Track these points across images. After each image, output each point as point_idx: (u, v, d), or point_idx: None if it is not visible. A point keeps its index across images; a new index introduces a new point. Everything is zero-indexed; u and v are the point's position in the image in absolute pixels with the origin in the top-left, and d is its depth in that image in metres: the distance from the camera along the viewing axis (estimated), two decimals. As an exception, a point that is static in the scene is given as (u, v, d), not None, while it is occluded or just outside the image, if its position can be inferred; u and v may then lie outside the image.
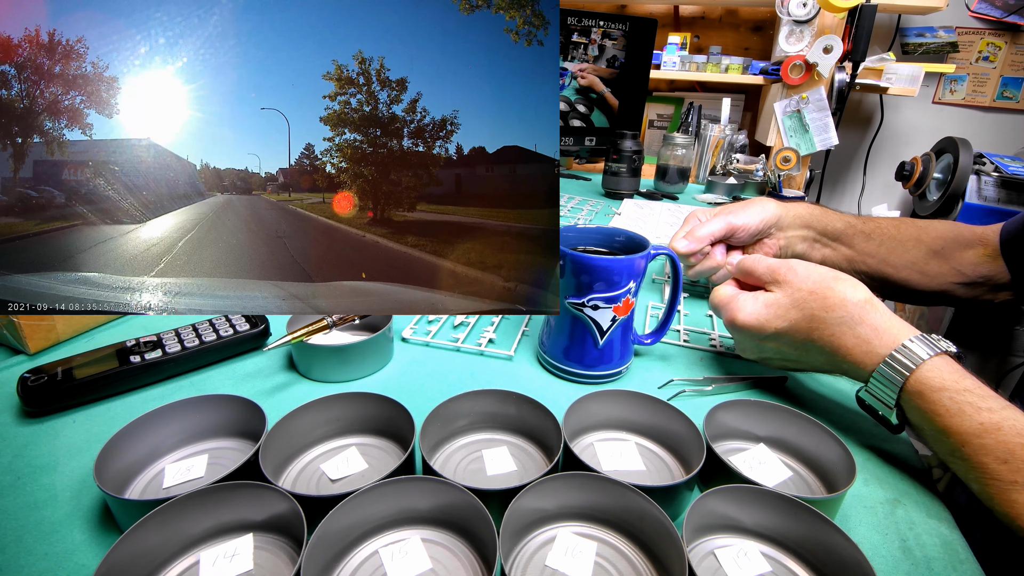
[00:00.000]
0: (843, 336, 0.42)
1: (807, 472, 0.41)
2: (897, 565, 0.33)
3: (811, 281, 0.44)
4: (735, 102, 1.86)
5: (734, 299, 0.48)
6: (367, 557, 0.32)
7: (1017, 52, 1.90)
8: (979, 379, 0.37)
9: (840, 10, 1.42)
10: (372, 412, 0.41)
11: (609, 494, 0.33)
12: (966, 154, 1.63)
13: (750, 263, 0.49)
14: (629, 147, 1.17)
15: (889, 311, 0.42)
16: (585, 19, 1.23)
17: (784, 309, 0.45)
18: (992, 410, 0.35)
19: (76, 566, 0.31)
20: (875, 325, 0.41)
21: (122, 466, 0.36)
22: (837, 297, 0.42)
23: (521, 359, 0.54)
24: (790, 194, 1.46)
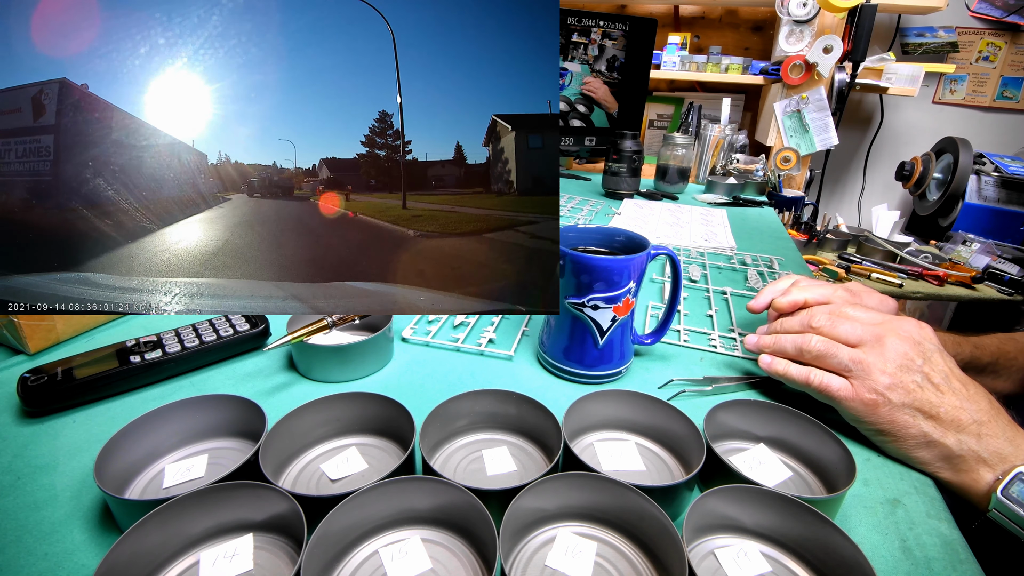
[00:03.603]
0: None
1: (807, 472, 0.41)
2: (897, 565, 0.33)
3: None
4: (735, 102, 1.86)
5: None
6: (367, 557, 0.32)
7: (1017, 52, 1.91)
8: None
9: (840, 10, 1.42)
10: (372, 412, 0.41)
11: (609, 494, 0.33)
12: (966, 154, 1.64)
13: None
14: (629, 147, 1.17)
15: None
16: (585, 19, 1.23)
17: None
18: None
19: (76, 566, 0.31)
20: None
21: (122, 466, 0.36)
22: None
23: (521, 359, 0.54)
24: (790, 194, 1.47)
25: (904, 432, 0.40)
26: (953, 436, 0.39)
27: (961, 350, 0.61)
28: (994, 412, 0.40)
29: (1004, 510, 0.36)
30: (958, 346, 0.61)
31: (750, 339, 0.51)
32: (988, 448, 0.38)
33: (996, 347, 0.62)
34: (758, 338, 0.50)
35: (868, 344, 0.43)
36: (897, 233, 1.60)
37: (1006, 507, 0.36)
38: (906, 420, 0.40)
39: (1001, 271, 1.34)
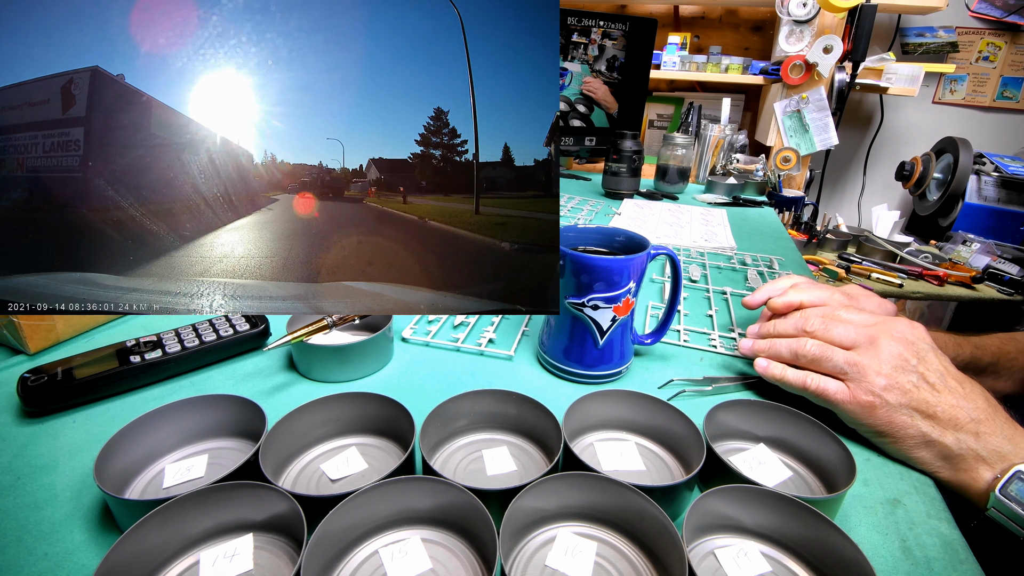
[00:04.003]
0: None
1: (807, 472, 0.41)
2: (897, 565, 0.33)
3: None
4: (735, 102, 1.86)
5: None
6: (367, 557, 0.32)
7: (1017, 52, 1.91)
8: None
9: (840, 10, 1.42)
10: (372, 412, 0.41)
11: (609, 494, 0.33)
12: (966, 154, 1.64)
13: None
14: (629, 147, 1.17)
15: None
16: (585, 19, 1.23)
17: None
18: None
19: (76, 566, 0.31)
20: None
21: (122, 466, 0.36)
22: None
23: (521, 359, 0.54)
24: (790, 194, 1.47)
25: (903, 433, 0.40)
26: (951, 435, 0.39)
27: (962, 351, 0.61)
28: (991, 410, 0.40)
29: (1003, 508, 0.36)
30: (959, 346, 0.61)
31: (744, 343, 0.51)
32: (987, 447, 0.38)
33: (997, 347, 0.62)
34: (752, 343, 0.50)
35: (862, 346, 0.43)
36: (897, 233, 1.60)
37: (1004, 506, 0.36)
38: (904, 421, 0.40)
39: (1001, 271, 1.34)
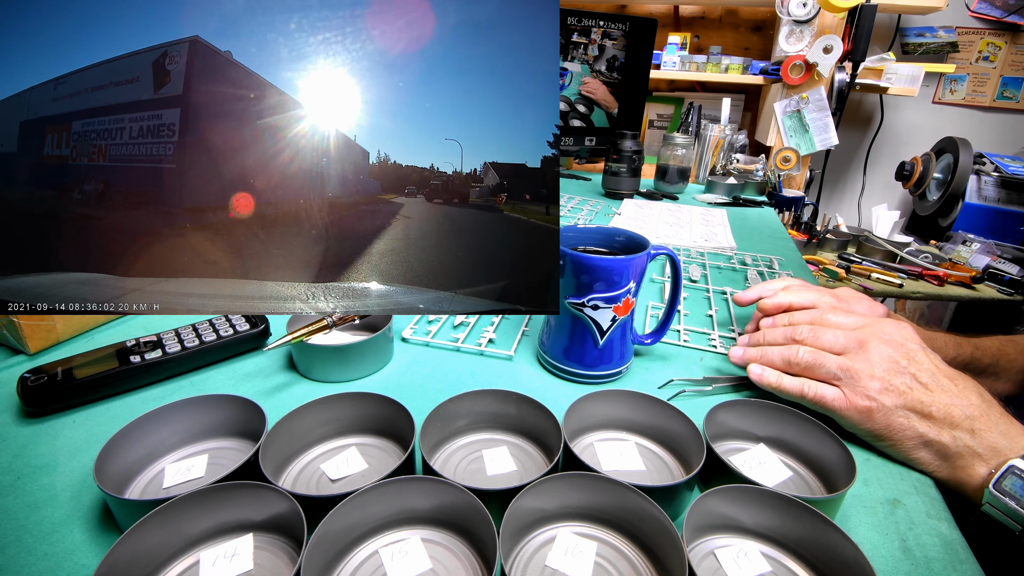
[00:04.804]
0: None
1: (807, 472, 0.41)
2: (897, 565, 0.33)
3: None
4: (735, 102, 1.86)
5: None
6: (367, 557, 0.32)
7: (1017, 52, 1.91)
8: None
9: (840, 10, 1.42)
10: (372, 412, 0.41)
11: (609, 494, 0.33)
12: (966, 154, 1.64)
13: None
14: (629, 147, 1.17)
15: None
16: (585, 19, 1.23)
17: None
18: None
19: (76, 566, 0.31)
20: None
21: (122, 466, 0.36)
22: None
23: (521, 359, 0.54)
24: (790, 194, 1.47)
25: (901, 435, 0.40)
26: (948, 433, 0.39)
27: (962, 351, 0.61)
28: (985, 406, 0.40)
29: (997, 504, 0.36)
30: (959, 347, 0.61)
31: (734, 352, 0.51)
32: (983, 443, 0.38)
33: (997, 348, 0.63)
34: (743, 351, 0.50)
35: (852, 351, 0.43)
36: (897, 233, 1.60)
37: (999, 500, 0.36)
38: (901, 423, 0.40)
39: (1001, 271, 1.34)
